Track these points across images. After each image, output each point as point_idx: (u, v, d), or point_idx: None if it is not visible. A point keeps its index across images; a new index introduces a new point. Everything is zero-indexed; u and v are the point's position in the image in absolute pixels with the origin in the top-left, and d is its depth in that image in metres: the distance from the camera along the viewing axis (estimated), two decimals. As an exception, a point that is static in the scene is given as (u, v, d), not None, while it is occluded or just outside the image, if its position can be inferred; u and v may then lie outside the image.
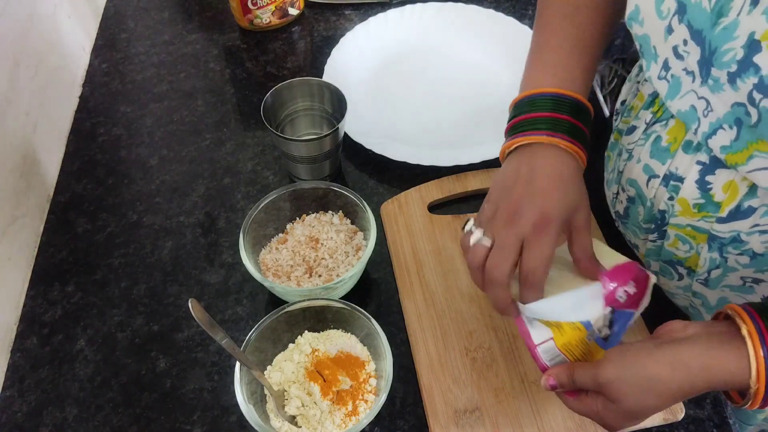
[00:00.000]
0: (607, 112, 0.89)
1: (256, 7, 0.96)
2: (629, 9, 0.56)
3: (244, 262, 0.66)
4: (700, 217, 0.57)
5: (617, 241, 0.73)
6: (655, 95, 0.60)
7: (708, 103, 0.50)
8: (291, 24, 1.01)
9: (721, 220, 0.55)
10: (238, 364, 0.59)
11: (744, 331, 0.46)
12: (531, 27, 0.94)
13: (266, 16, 0.98)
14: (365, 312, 0.63)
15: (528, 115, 0.58)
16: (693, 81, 0.51)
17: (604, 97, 1.15)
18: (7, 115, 0.74)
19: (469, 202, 0.79)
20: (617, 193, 0.67)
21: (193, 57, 0.97)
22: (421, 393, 0.64)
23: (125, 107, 0.91)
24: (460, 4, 0.99)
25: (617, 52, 1.09)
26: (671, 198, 0.59)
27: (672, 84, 0.54)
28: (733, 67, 0.46)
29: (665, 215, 0.61)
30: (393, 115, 0.88)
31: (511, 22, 0.96)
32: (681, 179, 0.57)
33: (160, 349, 0.69)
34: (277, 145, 0.78)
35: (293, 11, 1.00)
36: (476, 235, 0.54)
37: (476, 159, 0.80)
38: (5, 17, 0.75)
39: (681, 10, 0.49)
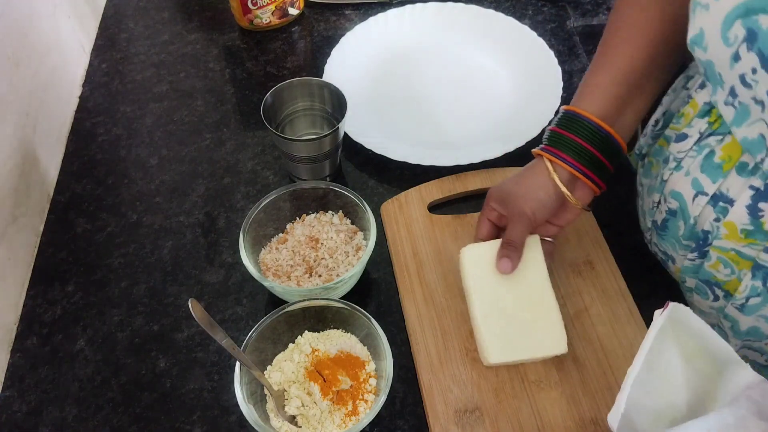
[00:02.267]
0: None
1: (256, 7, 0.96)
2: (692, 32, 0.54)
3: (244, 262, 0.66)
4: (746, 243, 0.55)
5: (633, 251, 0.73)
6: (711, 105, 0.57)
7: None
8: (291, 24, 1.01)
9: (767, 250, 0.54)
10: (238, 364, 0.59)
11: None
12: (531, 27, 0.95)
13: (266, 16, 0.98)
14: (365, 312, 0.63)
15: (565, 132, 0.65)
16: (762, 110, 0.49)
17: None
18: (7, 115, 0.74)
19: (469, 202, 0.79)
20: (658, 203, 0.65)
21: (193, 57, 0.97)
22: (421, 393, 0.64)
23: (125, 107, 0.91)
24: (460, 4, 0.99)
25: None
26: (718, 219, 0.57)
27: (739, 111, 0.52)
28: None
29: (708, 236, 0.59)
30: (393, 115, 0.88)
31: (511, 22, 0.96)
32: (731, 201, 0.55)
33: (160, 349, 0.69)
34: (277, 145, 0.78)
35: (293, 11, 1.00)
36: None
37: (476, 159, 0.80)
38: (5, 17, 0.75)
39: (751, 38, 0.47)
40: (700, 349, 0.53)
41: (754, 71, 0.48)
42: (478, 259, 0.66)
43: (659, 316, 0.52)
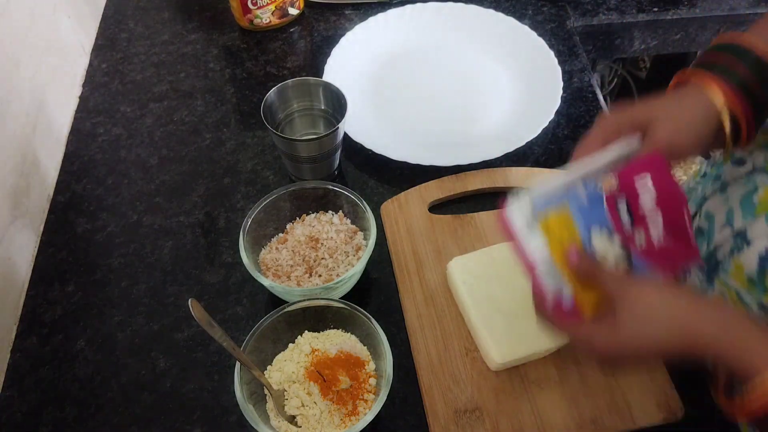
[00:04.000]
0: (607, 113, 0.89)
1: (256, 7, 0.96)
2: None
3: (244, 262, 0.66)
4: (746, 288, 0.55)
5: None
6: None
7: None
8: (291, 24, 1.01)
9: (763, 308, 0.53)
10: (238, 364, 0.59)
11: None
12: (531, 27, 0.95)
13: (266, 16, 0.98)
14: (365, 312, 0.63)
15: (730, 56, 0.53)
16: None
17: (604, 97, 1.15)
18: (7, 115, 0.74)
19: (469, 202, 0.79)
20: (694, 215, 0.64)
21: (193, 57, 0.97)
22: (421, 393, 0.64)
23: (125, 107, 0.91)
24: (460, 4, 0.99)
25: (617, 52, 1.09)
26: (731, 253, 0.56)
27: None
28: None
29: (719, 267, 0.58)
30: (393, 115, 0.88)
31: (511, 22, 0.96)
32: (749, 243, 0.54)
33: (160, 349, 0.69)
34: (277, 145, 0.78)
35: (293, 11, 1.00)
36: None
37: (476, 159, 0.80)
38: (5, 17, 0.75)
39: None
40: None
41: None
42: (466, 269, 0.68)
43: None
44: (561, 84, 0.87)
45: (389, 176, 0.82)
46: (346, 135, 0.81)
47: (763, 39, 0.52)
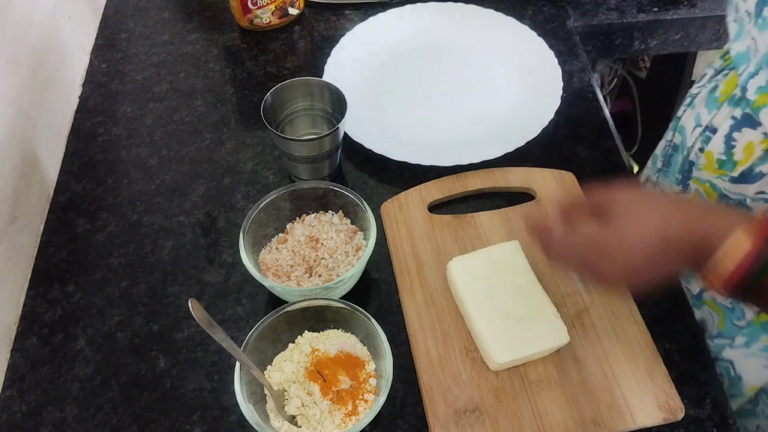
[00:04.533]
0: (607, 113, 0.89)
1: (256, 7, 0.96)
2: None
3: (244, 262, 0.66)
4: (718, 174, 0.59)
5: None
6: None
7: (756, 43, 0.53)
8: (291, 24, 1.01)
9: (733, 180, 0.57)
10: (238, 364, 0.59)
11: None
12: (531, 27, 0.95)
13: (266, 16, 0.98)
14: (365, 312, 0.63)
15: None
16: (750, 21, 0.53)
17: (604, 97, 1.15)
18: (7, 115, 0.74)
19: (469, 202, 0.79)
20: (670, 141, 0.69)
21: (193, 57, 0.97)
22: (421, 393, 0.64)
23: (125, 107, 0.91)
24: (460, 4, 0.99)
25: (617, 52, 1.09)
26: (702, 149, 0.61)
27: (738, 26, 0.56)
28: None
29: (693, 167, 0.63)
30: (393, 115, 0.88)
31: (511, 22, 0.96)
32: (714, 131, 0.59)
33: (160, 349, 0.69)
34: (277, 145, 0.78)
35: (293, 11, 1.00)
36: None
37: (476, 159, 0.80)
38: (5, 17, 0.75)
39: None
40: None
41: None
42: (466, 269, 0.68)
43: None
44: (561, 84, 0.87)
45: (389, 176, 0.82)
46: (346, 135, 0.81)
47: None
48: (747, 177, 0.56)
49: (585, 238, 0.53)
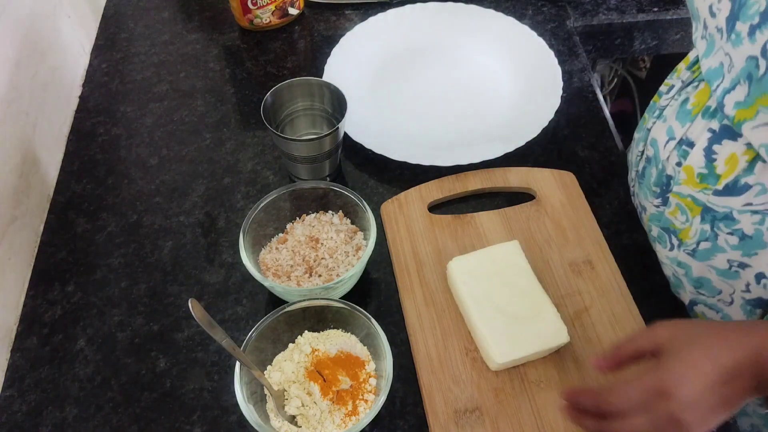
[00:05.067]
0: (607, 113, 0.89)
1: (256, 7, 0.96)
2: None
3: (244, 262, 0.66)
4: (700, 188, 0.58)
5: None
6: (698, 58, 0.61)
7: (730, 59, 0.52)
8: (291, 24, 1.01)
9: (717, 193, 0.56)
10: (238, 364, 0.59)
11: None
12: (531, 27, 0.95)
13: (266, 16, 0.98)
14: (365, 312, 0.63)
15: None
16: (722, 38, 0.53)
17: (604, 97, 1.14)
18: (7, 115, 0.74)
19: (469, 202, 0.79)
20: (642, 152, 0.68)
21: (193, 57, 0.97)
22: (421, 393, 0.64)
23: (125, 107, 0.91)
24: (460, 4, 0.99)
25: (617, 52, 1.09)
26: (679, 164, 0.60)
27: (708, 42, 0.56)
28: (756, 20, 0.47)
29: (671, 181, 0.62)
30: (393, 115, 0.88)
31: (511, 22, 0.96)
32: (692, 145, 0.58)
33: (160, 349, 0.69)
34: (277, 145, 0.78)
35: (293, 11, 1.00)
36: None
37: (476, 159, 0.80)
38: (5, 17, 0.75)
39: None
40: None
41: (719, 0, 0.52)
42: (466, 269, 0.68)
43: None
44: (561, 84, 0.87)
45: (389, 176, 0.82)
46: (346, 135, 0.81)
47: None
48: (732, 189, 0.55)
49: (641, 387, 0.47)
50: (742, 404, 0.47)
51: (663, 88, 0.67)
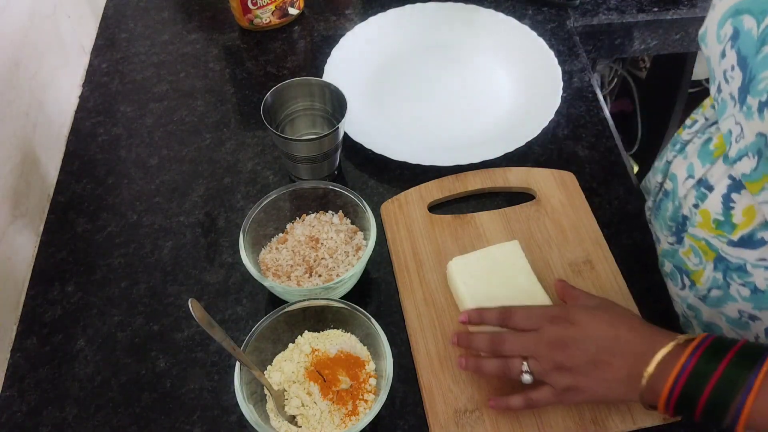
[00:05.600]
0: (607, 113, 0.89)
1: (256, 7, 0.96)
2: (702, 29, 0.60)
3: (244, 262, 0.66)
4: (715, 234, 0.57)
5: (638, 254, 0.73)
6: None
7: (741, 129, 0.51)
8: (291, 24, 1.01)
9: (732, 243, 0.55)
10: (238, 364, 0.59)
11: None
12: (531, 27, 0.95)
13: (266, 16, 0.98)
14: (365, 312, 0.63)
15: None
16: (734, 106, 0.52)
17: (604, 97, 1.14)
18: (7, 115, 0.74)
19: (469, 202, 0.79)
20: (660, 184, 0.68)
21: (193, 57, 0.97)
22: (421, 393, 0.64)
23: (125, 107, 0.91)
24: (460, 4, 0.99)
25: (617, 52, 1.09)
26: (696, 206, 0.59)
27: (720, 105, 0.55)
28: (764, 96, 0.47)
29: (687, 222, 0.61)
30: (393, 115, 0.88)
31: (511, 22, 0.96)
32: (711, 188, 0.57)
33: (160, 349, 0.69)
34: (277, 145, 0.78)
35: (293, 11, 1.00)
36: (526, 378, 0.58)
37: (476, 159, 0.80)
38: (5, 17, 0.75)
39: (735, 36, 0.51)
40: None
41: (732, 68, 0.52)
42: (466, 269, 0.68)
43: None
44: (561, 84, 0.87)
45: (389, 176, 0.82)
46: (346, 135, 0.81)
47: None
48: (747, 242, 0.54)
49: (549, 333, 0.57)
50: (613, 380, 0.53)
51: (688, 121, 0.66)
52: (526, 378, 0.56)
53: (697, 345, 0.50)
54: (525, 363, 0.56)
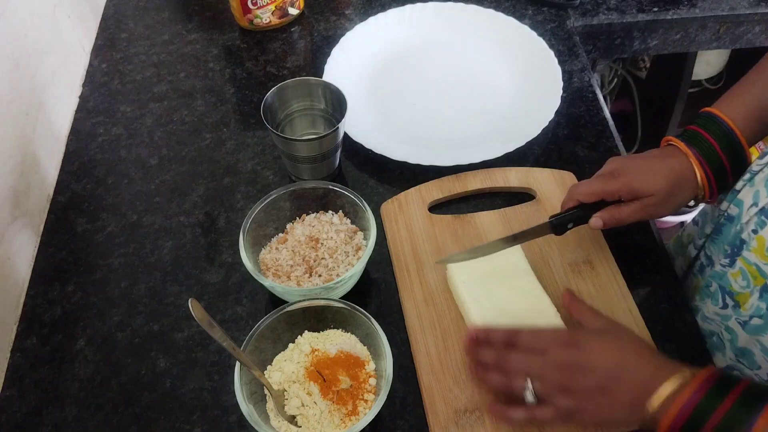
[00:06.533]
0: (607, 113, 0.89)
1: (256, 7, 0.96)
2: None
3: (244, 262, 0.66)
4: (767, 261, 0.59)
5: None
6: None
7: None
8: (291, 24, 1.01)
9: None
10: (238, 364, 0.59)
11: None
12: (531, 27, 0.95)
13: (266, 16, 0.98)
14: (365, 312, 0.63)
15: (701, 131, 0.66)
16: None
17: (604, 97, 1.14)
18: (7, 115, 0.74)
19: (469, 202, 0.79)
20: (724, 211, 0.69)
21: (193, 57, 0.97)
22: (421, 393, 0.64)
23: (125, 107, 0.91)
24: (460, 4, 0.99)
25: (617, 52, 1.09)
26: (755, 231, 0.60)
27: None
28: None
29: (743, 245, 0.62)
30: (393, 115, 0.88)
31: (511, 22, 0.96)
32: None
33: (160, 349, 0.69)
34: (277, 145, 0.78)
35: (293, 11, 1.00)
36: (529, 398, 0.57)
37: (476, 159, 0.80)
38: (5, 17, 0.75)
39: None
40: None
41: None
42: (466, 269, 0.68)
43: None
44: (561, 84, 0.87)
45: (389, 176, 0.82)
46: (346, 135, 0.81)
47: (732, 110, 0.65)
48: None
49: (554, 358, 0.56)
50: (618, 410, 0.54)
51: (759, 152, 0.68)
52: (529, 398, 0.56)
53: (703, 380, 0.50)
54: (529, 382, 0.56)
